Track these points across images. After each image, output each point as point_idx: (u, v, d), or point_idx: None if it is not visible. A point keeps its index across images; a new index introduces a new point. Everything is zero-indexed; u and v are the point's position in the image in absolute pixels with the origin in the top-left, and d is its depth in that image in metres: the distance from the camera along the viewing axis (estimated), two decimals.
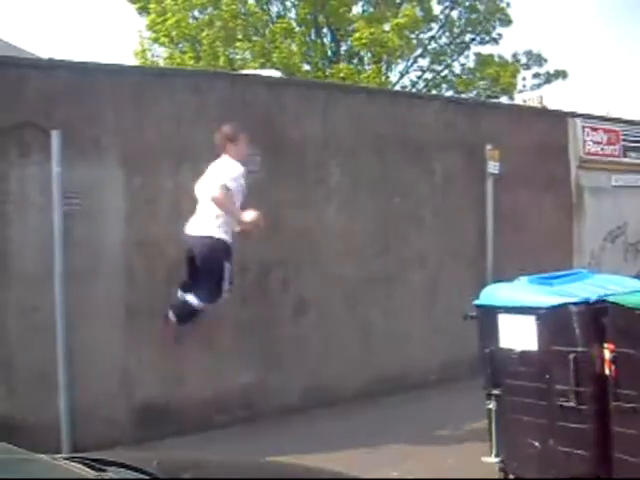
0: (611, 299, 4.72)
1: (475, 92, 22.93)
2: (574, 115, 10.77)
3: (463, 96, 21.37)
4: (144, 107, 6.62)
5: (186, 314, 6.38)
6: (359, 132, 8.07)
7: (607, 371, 4.68)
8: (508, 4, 22.35)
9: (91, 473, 2.29)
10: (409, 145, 8.51)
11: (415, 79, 23.47)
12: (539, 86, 23.83)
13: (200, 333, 6.75)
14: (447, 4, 22.53)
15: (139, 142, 6.58)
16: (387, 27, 19.34)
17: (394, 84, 22.37)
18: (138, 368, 6.50)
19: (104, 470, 2.34)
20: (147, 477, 2.33)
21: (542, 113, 10.73)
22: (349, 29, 19.58)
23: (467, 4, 22.56)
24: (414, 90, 23.23)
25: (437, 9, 22.49)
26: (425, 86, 23.46)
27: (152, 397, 6.56)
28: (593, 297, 4.91)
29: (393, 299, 8.17)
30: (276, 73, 9.07)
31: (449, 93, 23.52)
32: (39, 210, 6.12)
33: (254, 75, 8.37)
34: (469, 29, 23.00)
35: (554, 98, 23.51)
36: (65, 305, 6.09)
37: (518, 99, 23.37)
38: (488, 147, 9.10)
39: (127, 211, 6.54)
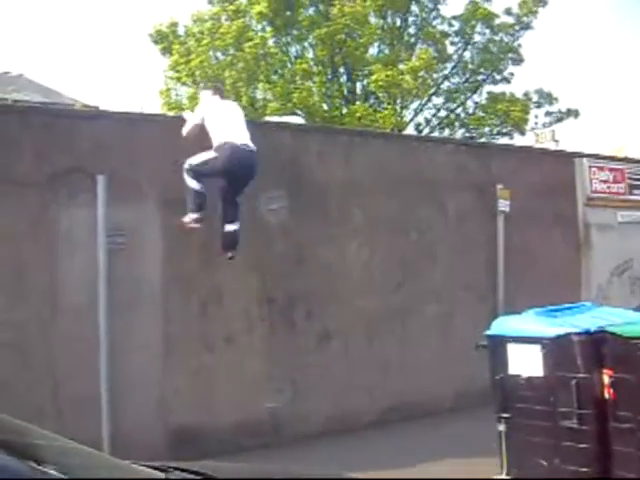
0: (609, 329, 5.21)
1: (487, 129, 23.48)
2: (581, 155, 11.31)
3: (474, 138, 21.97)
4: (180, 153, 7.19)
5: (234, 240, 7.11)
6: (378, 174, 8.63)
7: (606, 395, 5.15)
8: (519, 44, 22.96)
9: (158, 474, 2.47)
10: (424, 185, 9.06)
11: (429, 117, 24.08)
12: (551, 124, 24.38)
13: (231, 362, 7.28)
14: (460, 45, 23.16)
15: (175, 185, 7.14)
16: (402, 67, 19.98)
17: (408, 122, 22.99)
18: (174, 396, 7.00)
19: (169, 471, 2.53)
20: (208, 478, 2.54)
21: (550, 154, 11.28)
22: (365, 70, 20.23)
23: (480, 45, 23.16)
24: (428, 128, 23.90)
25: (451, 49, 23.15)
26: (439, 124, 24.05)
27: (186, 422, 7.04)
28: (593, 327, 5.39)
29: (410, 331, 8.66)
30: (299, 119, 9.66)
31: (462, 130, 24.12)
32: (85, 248, 6.67)
33: (280, 122, 8.97)
34: (482, 69, 23.58)
35: (566, 134, 24.03)
36: (108, 336, 6.62)
37: (530, 135, 23.98)
38: (499, 187, 9.63)
39: (165, 249, 7.10)
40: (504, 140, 22.85)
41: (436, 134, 23.25)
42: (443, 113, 24.34)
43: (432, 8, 22.72)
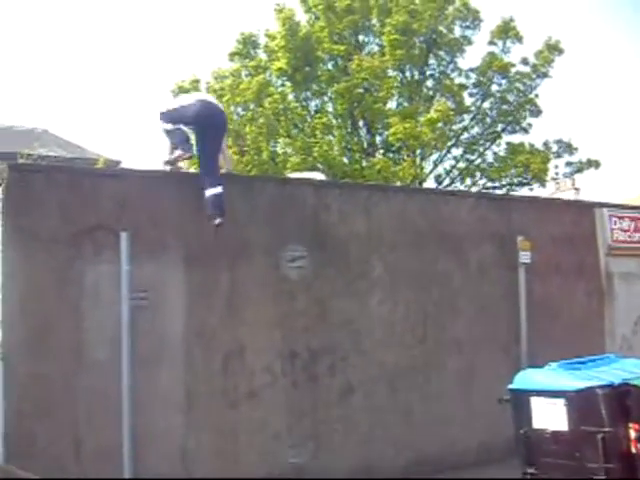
0: (634, 382, 5.19)
1: (507, 179, 23.53)
2: (600, 205, 11.32)
3: (495, 188, 22.03)
4: (202, 210, 7.30)
5: (219, 205, 7.19)
6: (399, 228, 8.69)
7: (633, 449, 5.11)
8: (537, 95, 23.12)
9: None
10: (445, 239, 9.09)
11: (449, 168, 24.19)
12: (572, 174, 24.41)
13: (254, 417, 7.29)
14: (478, 96, 23.37)
15: (198, 241, 7.25)
16: (420, 119, 20.20)
17: (428, 174, 23.12)
18: (197, 449, 7.00)
19: None
20: None
21: (570, 204, 11.28)
22: (384, 122, 20.45)
23: (498, 95, 23.36)
24: (448, 179, 24.00)
25: (469, 100, 23.37)
26: (459, 174, 24.14)
27: (210, 476, 7.02)
28: (617, 380, 5.37)
29: (432, 384, 8.62)
30: (321, 175, 9.79)
31: (482, 181, 24.18)
32: (110, 304, 6.74)
33: (301, 178, 9.09)
34: (500, 119, 23.73)
35: (587, 183, 24.02)
36: (131, 390, 6.66)
37: (551, 185, 23.98)
38: (519, 238, 9.65)
39: (187, 304, 7.17)
40: (524, 190, 22.89)
41: (457, 185, 23.35)
42: (462, 164, 24.45)
43: (450, 61, 22.98)
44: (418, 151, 21.11)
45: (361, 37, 22.23)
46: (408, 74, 22.34)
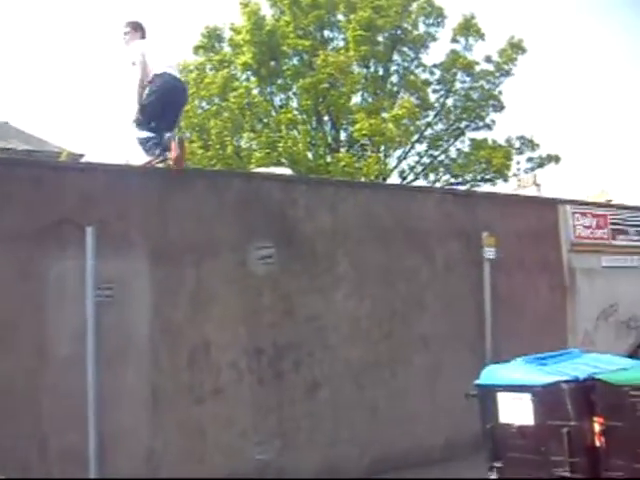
0: (599, 377, 5.25)
1: (470, 175, 23.74)
2: (564, 201, 11.45)
3: (459, 184, 22.21)
4: (168, 205, 7.24)
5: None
6: (365, 224, 8.69)
7: (597, 443, 5.17)
8: (500, 92, 23.36)
9: None
10: (411, 235, 9.12)
11: (413, 164, 24.33)
12: (533, 169, 24.70)
13: (220, 414, 7.24)
14: (442, 93, 23.53)
15: (164, 237, 7.18)
16: (385, 115, 20.28)
17: (392, 169, 23.22)
18: (163, 447, 6.93)
19: None
20: None
21: (533, 200, 11.42)
22: (349, 118, 20.49)
23: (462, 92, 23.54)
24: (412, 174, 24.14)
25: (433, 97, 23.50)
26: (422, 170, 24.30)
27: (176, 475, 6.96)
28: (583, 375, 5.43)
29: (398, 380, 8.63)
30: (287, 170, 9.76)
31: (446, 177, 24.37)
32: (74, 299, 6.64)
33: (268, 173, 9.06)
34: (464, 116, 23.93)
35: (548, 179, 24.26)
36: (96, 388, 6.56)
37: (513, 181, 24.24)
38: (484, 234, 9.70)
39: (153, 300, 7.09)
40: (487, 186, 23.14)
41: (421, 180, 23.51)
42: (426, 160, 24.61)
43: (414, 57, 23.10)
44: (382, 147, 21.17)
45: (326, 32, 22.25)
46: (372, 70, 22.39)
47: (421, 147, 24.20)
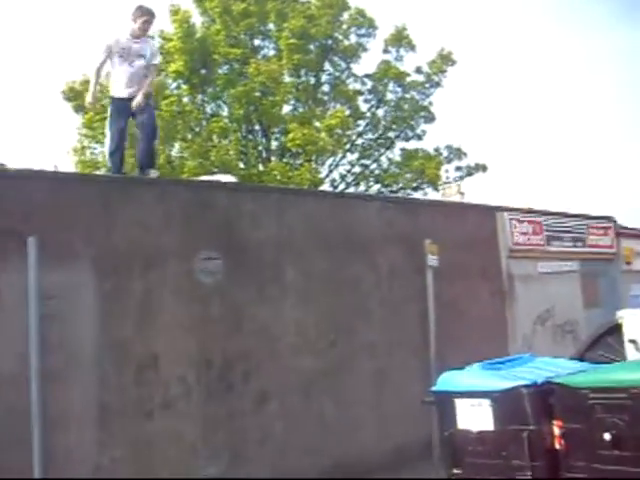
0: (557, 380, 5.30)
1: (402, 185, 23.93)
2: (502, 209, 11.66)
3: (392, 192, 22.37)
4: (113, 214, 7.03)
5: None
6: (310, 232, 8.65)
7: (557, 446, 5.22)
8: (431, 102, 23.65)
9: None
10: (355, 242, 9.12)
11: (344, 173, 24.38)
12: (461, 178, 25.03)
13: (169, 428, 7.05)
14: (373, 103, 23.68)
15: (109, 247, 6.97)
16: (317, 123, 20.30)
17: (324, 179, 23.21)
18: (110, 464, 6.71)
19: None
20: None
21: (473, 208, 11.55)
22: (281, 127, 20.44)
23: (393, 103, 23.73)
24: (343, 184, 24.20)
25: (364, 107, 23.63)
26: (354, 180, 24.37)
27: None
28: (540, 379, 5.48)
29: (346, 388, 8.60)
30: (232, 178, 9.64)
31: (377, 186, 24.51)
32: (16, 313, 6.37)
33: (214, 181, 8.91)
34: (394, 126, 24.11)
35: (476, 189, 24.62)
36: (40, 405, 6.30)
37: (441, 190, 24.55)
38: (427, 241, 9.78)
39: (98, 313, 6.86)
40: (418, 195, 23.36)
41: (351, 190, 23.57)
42: (357, 169, 24.71)
43: (345, 67, 23.19)
44: (314, 156, 21.15)
45: (257, 41, 22.12)
46: (304, 79, 22.38)
47: (352, 157, 24.27)
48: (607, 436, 4.84)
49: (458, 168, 25.06)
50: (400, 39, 23.29)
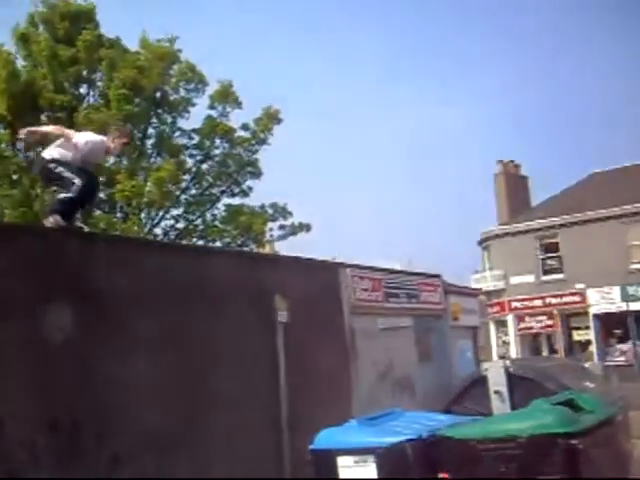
0: (443, 433, 5.31)
1: (227, 240, 23.79)
2: (345, 265, 11.79)
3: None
4: None
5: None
6: (163, 285, 8.25)
7: None
8: (257, 159, 23.82)
9: None
10: (207, 296, 8.82)
11: (167, 228, 23.89)
12: (285, 237, 25.26)
13: None
14: (199, 157, 23.52)
15: None
16: (146, 177, 19.83)
17: (147, 232, 22.60)
18: None
19: None
20: None
21: (318, 264, 11.58)
22: (107, 178, 19.75)
23: (218, 159, 23.68)
24: (166, 239, 23.66)
25: (190, 162, 23.41)
26: (178, 235, 23.93)
27: None
28: (423, 433, 5.47)
29: (198, 444, 8.17)
30: (84, 226, 9.06)
31: (201, 242, 24.19)
32: None
33: (65, 229, 8.30)
34: (219, 182, 24.03)
35: (299, 247, 24.81)
36: None
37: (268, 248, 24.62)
38: (276, 297, 9.69)
39: None
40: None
41: None
42: (181, 224, 24.32)
43: (172, 121, 22.93)
44: (144, 209, 20.60)
45: (82, 89, 21.39)
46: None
47: (177, 211, 23.88)
48: None
49: (282, 227, 25.28)
50: (226, 95, 23.39)
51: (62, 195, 7.81)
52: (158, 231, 23.51)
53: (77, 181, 7.70)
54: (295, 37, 74.33)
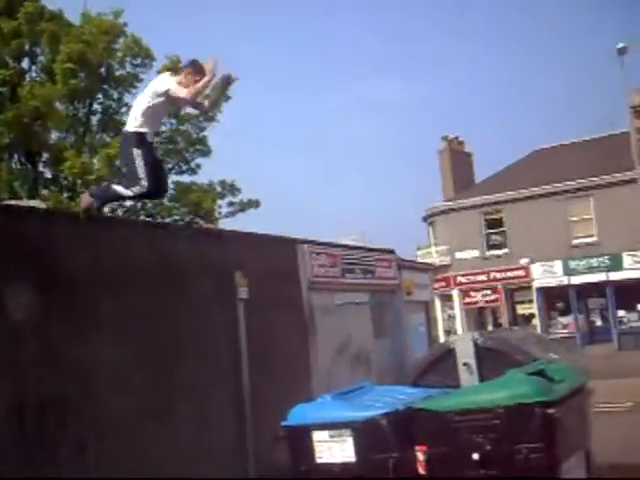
0: (420, 406, 5.35)
1: (176, 218, 23.50)
2: (302, 241, 11.76)
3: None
4: None
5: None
6: (125, 263, 8.12)
7: (421, 471, 5.25)
8: (205, 136, 23.51)
9: None
10: (169, 275, 8.70)
11: (115, 206, 23.47)
12: (234, 214, 25.06)
13: None
14: None
15: None
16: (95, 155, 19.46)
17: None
18: None
19: None
20: None
21: (277, 240, 11.51)
22: (55, 156, 19.31)
23: (164, 135, 23.30)
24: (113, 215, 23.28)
25: None
26: (125, 213, 23.55)
27: None
28: (398, 407, 5.50)
29: (166, 429, 8.10)
30: (41, 204, 8.82)
31: (149, 219, 23.86)
32: None
33: (24, 206, 8.07)
34: (167, 159, 23.67)
35: (250, 224, 24.68)
36: None
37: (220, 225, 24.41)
38: (237, 273, 9.63)
39: None
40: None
41: None
42: (128, 202, 23.92)
43: (118, 97, 22.47)
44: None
45: (24, 64, 20.78)
46: (76, 107, 21.36)
47: None
48: (475, 456, 4.95)
49: (231, 203, 25.07)
50: (175, 71, 22.92)
51: (118, 187, 7.45)
52: (105, 209, 23.12)
53: (143, 183, 7.17)
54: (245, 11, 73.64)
